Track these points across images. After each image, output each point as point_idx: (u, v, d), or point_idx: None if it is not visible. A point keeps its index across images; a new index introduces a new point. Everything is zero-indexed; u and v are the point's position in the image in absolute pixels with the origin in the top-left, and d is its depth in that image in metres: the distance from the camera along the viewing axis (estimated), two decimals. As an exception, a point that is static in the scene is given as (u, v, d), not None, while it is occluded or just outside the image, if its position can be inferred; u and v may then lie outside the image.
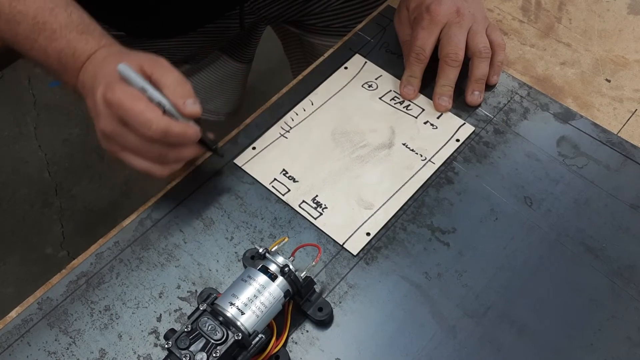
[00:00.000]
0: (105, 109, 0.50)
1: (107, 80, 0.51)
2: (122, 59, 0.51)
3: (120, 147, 0.52)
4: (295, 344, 0.51)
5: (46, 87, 1.86)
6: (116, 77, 0.50)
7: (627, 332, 0.51)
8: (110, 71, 0.51)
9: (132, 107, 0.49)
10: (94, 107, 0.52)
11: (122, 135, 0.51)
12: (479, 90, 0.65)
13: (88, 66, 0.54)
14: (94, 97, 0.52)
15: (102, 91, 0.50)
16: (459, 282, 0.54)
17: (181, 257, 0.56)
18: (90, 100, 0.53)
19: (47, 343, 0.51)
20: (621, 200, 0.58)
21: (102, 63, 0.53)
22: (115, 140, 0.52)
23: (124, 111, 0.49)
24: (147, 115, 0.49)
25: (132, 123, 0.49)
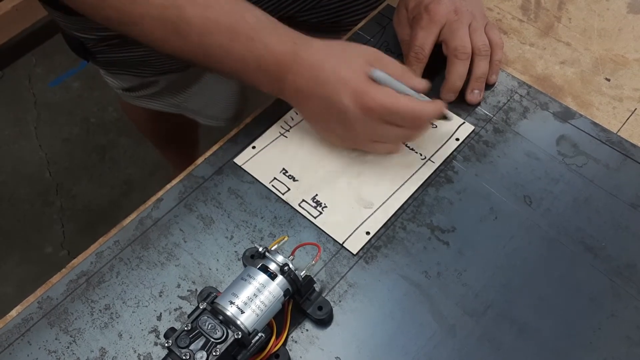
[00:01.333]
0: (364, 115, 0.53)
1: (352, 88, 0.52)
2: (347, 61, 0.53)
3: (368, 141, 0.57)
4: (295, 342, 0.51)
5: (46, 87, 1.86)
6: (362, 83, 0.52)
7: (627, 331, 0.51)
8: (346, 78, 0.53)
9: (397, 105, 0.52)
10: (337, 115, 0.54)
11: (381, 133, 0.55)
12: (479, 88, 0.65)
13: (299, 71, 0.54)
14: (333, 105, 0.53)
15: (354, 99, 0.52)
16: (459, 281, 0.54)
17: (181, 256, 0.56)
18: (322, 107, 0.55)
19: (48, 342, 0.51)
20: (621, 199, 0.58)
21: (324, 69, 0.54)
22: (368, 137, 0.56)
23: (389, 111, 0.53)
24: (411, 106, 0.53)
25: (400, 118, 0.53)
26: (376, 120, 0.54)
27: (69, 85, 1.85)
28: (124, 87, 0.91)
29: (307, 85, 0.54)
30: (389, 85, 0.53)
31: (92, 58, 0.83)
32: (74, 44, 0.82)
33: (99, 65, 0.86)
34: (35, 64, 1.91)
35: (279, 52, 0.54)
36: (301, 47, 0.54)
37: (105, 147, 1.71)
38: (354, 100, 0.53)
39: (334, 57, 0.54)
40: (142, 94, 0.91)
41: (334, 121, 0.55)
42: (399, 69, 0.55)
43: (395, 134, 0.56)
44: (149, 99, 0.92)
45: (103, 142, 1.72)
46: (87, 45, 0.81)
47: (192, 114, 0.95)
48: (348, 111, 0.53)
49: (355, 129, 0.55)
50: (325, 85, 0.53)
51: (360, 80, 0.53)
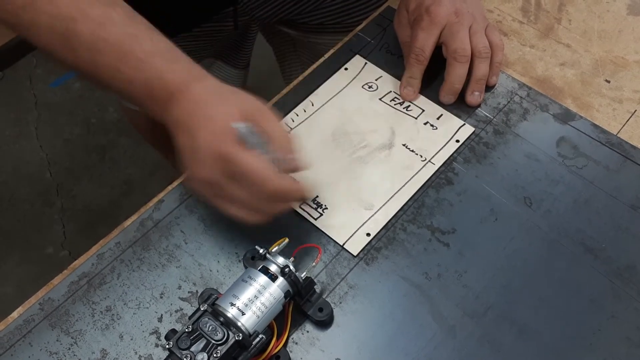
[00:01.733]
0: (213, 160, 0.48)
1: (213, 129, 0.49)
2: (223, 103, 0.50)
3: (216, 195, 0.51)
4: (296, 344, 0.51)
5: (47, 87, 1.86)
6: (224, 128, 0.48)
7: (627, 332, 0.51)
8: (212, 117, 0.49)
9: (249, 166, 0.47)
10: (193, 152, 0.50)
11: (226, 188, 0.49)
12: (479, 90, 0.65)
13: (183, 102, 0.51)
14: (193, 140, 0.49)
15: (209, 141, 0.48)
16: (459, 283, 0.54)
17: (182, 257, 0.56)
18: (187, 140, 0.50)
19: (49, 343, 0.51)
20: (621, 200, 0.58)
21: (202, 105, 0.50)
22: (215, 190, 0.50)
23: (238, 168, 0.48)
24: (263, 174, 0.48)
25: (249, 181, 0.48)
26: (223, 172, 0.48)
27: (69, 86, 1.86)
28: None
29: (182, 117, 0.51)
30: (247, 143, 0.48)
31: None
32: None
33: None
34: (35, 65, 1.91)
35: (168, 79, 0.51)
36: (193, 80, 0.52)
37: (106, 147, 1.71)
38: (210, 141, 0.48)
39: (217, 96, 0.51)
40: None
41: (189, 160, 0.51)
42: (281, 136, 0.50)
43: (244, 198, 0.49)
44: None
45: (103, 142, 1.72)
46: None
47: None
48: (200, 150, 0.49)
49: (196, 173, 0.50)
50: (196, 120, 0.50)
51: (223, 126, 0.49)
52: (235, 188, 0.49)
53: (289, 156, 0.50)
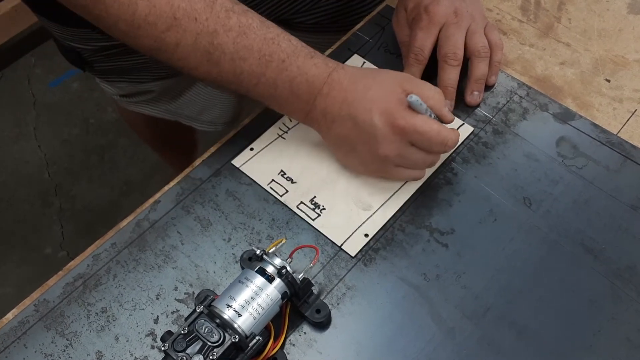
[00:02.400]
0: (393, 135, 0.53)
1: (383, 107, 0.53)
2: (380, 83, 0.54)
3: (392, 166, 0.56)
4: (293, 346, 0.51)
5: (46, 88, 1.86)
6: (394, 103, 0.53)
7: (627, 333, 0.51)
8: (377, 98, 0.53)
9: (430, 130, 0.53)
10: (366, 135, 0.54)
11: (407, 155, 0.54)
12: (478, 90, 0.64)
13: (331, 92, 0.54)
14: (361, 124, 0.53)
15: (384, 119, 0.53)
16: (458, 284, 0.53)
17: (178, 258, 0.55)
18: (348, 128, 0.54)
19: (44, 345, 0.51)
20: (621, 200, 0.58)
21: (355, 89, 0.54)
22: (394, 160, 0.55)
23: (420, 134, 0.53)
24: (442, 134, 0.53)
25: (428, 144, 0.54)
26: (404, 142, 0.53)
27: (68, 86, 1.85)
28: (120, 93, 0.91)
29: (336, 106, 0.54)
30: (419, 110, 0.53)
31: (88, 67, 0.83)
32: (69, 54, 0.82)
33: (94, 73, 0.86)
34: (34, 65, 1.91)
35: (311, 74, 0.54)
36: (334, 71, 0.55)
37: (105, 148, 1.71)
38: (384, 120, 0.53)
39: (365, 79, 0.55)
40: (138, 100, 0.90)
41: (360, 143, 0.55)
42: (434, 95, 0.55)
43: (421, 158, 0.55)
44: (144, 105, 0.92)
45: (102, 143, 1.72)
46: (83, 55, 0.80)
47: (187, 120, 0.95)
48: (376, 130, 0.53)
49: (381, 151, 0.54)
50: (355, 105, 0.53)
51: (391, 100, 0.53)
52: (415, 152, 0.55)
53: (443, 111, 0.55)
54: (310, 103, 0.55)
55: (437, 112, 0.55)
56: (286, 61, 0.54)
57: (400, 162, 0.55)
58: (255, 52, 0.53)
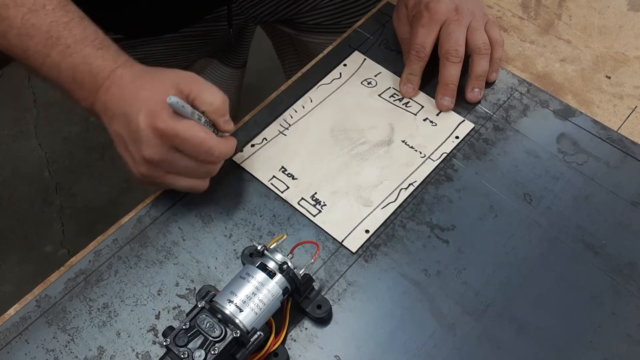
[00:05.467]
0: (155, 138, 0.50)
1: (149, 108, 0.50)
2: (155, 83, 0.51)
3: (164, 171, 0.53)
4: (294, 341, 0.51)
5: (46, 86, 1.85)
6: (159, 105, 0.50)
7: (627, 329, 0.51)
8: (147, 98, 0.50)
9: (192, 137, 0.50)
10: (133, 135, 0.51)
11: (172, 161, 0.51)
12: (479, 87, 0.64)
13: (111, 88, 0.52)
14: (131, 125, 0.50)
15: (147, 120, 0.50)
16: (459, 280, 0.53)
17: (180, 254, 0.55)
18: (122, 126, 0.52)
19: (46, 341, 0.51)
20: (621, 197, 0.58)
21: (132, 87, 0.52)
22: (162, 167, 0.52)
23: (181, 140, 0.50)
24: (210, 143, 0.50)
25: (187, 147, 0.50)
26: (167, 146, 0.50)
27: (68, 84, 1.85)
28: None
29: (114, 102, 0.52)
30: (183, 114, 0.50)
31: None
32: None
33: None
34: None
35: (95, 65, 0.52)
36: (120, 66, 0.53)
37: (105, 146, 1.71)
38: (148, 121, 0.49)
39: (143, 78, 0.52)
40: None
41: (131, 143, 0.52)
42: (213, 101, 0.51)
43: (192, 166, 0.52)
44: None
45: (103, 141, 1.72)
46: None
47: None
48: (140, 131, 0.50)
49: (145, 153, 0.51)
50: (129, 104, 0.51)
51: (158, 101, 0.50)
52: (181, 158, 0.51)
53: (219, 120, 0.52)
54: (93, 95, 0.53)
55: (212, 119, 0.52)
56: (72, 47, 0.52)
57: (169, 168, 0.52)
58: (43, 32, 0.52)
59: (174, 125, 0.49)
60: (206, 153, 0.51)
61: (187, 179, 0.54)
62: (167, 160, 0.51)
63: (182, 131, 0.49)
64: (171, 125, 0.49)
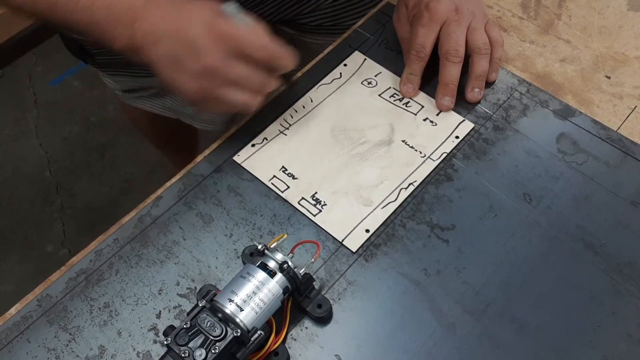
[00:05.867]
0: (213, 44, 0.51)
1: (203, 17, 0.51)
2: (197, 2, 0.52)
3: (220, 82, 0.53)
4: (295, 340, 0.51)
5: (47, 86, 1.86)
6: (215, 14, 0.51)
7: (627, 328, 0.51)
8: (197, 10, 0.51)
9: (248, 35, 0.51)
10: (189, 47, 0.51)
11: (231, 67, 0.52)
12: (479, 87, 0.64)
13: (151, 13, 0.52)
14: (185, 38, 0.51)
15: (204, 28, 0.50)
16: (459, 279, 0.54)
17: (180, 254, 0.56)
18: (172, 43, 0.52)
19: (47, 340, 0.51)
20: (621, 196, 0.58)
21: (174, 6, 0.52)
22: (219, 75, 0.52)
23: (239, 40, 0.51)
24: (264, 40, 0.51)
25: (250, 49, 0.51)
26: (227, 51, 0.51)
27: (69, 84, 1.85)
28: (123, 88, 0.91)
29: (158, 26, 0.52)
30: (241, 22, 0.51)
31: (90, 60, 0.83)
32: (72, 46, 0.82)
33: (96, 66, 0.87)
34: (35, 63, 1.91)
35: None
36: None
37: (105, 146, 1.71)
38: (205, 29, 0.50)
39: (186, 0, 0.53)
40: (139, 95, 0.91)
41: (184, 57, 0.52)
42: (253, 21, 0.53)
43: (248, 74, 0.53)
44: (146, 100, 0.92)
45: (103, 141, 1.72)
46: (85, 47, 0.81)
47: (187, 118, 0.95)
48: (198, 40, 0.50)
49: (205, 61, 0.51)
50: (176, 20, 0.51)
51: (211, 11, 0.51)
52: (238, 66, 0.52)
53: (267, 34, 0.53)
54: (130, 27, 0.52)
55: None
56: None
57: (226, 74, 0.52)
58: None
59: (233, 30, 0.50)
60: (269, 56, 0.52)
61: (241, 92, 0.54)
62: (226, 65, 0.52)
63: (242, 34, 0.50)
64: (230, 30, 0.50)
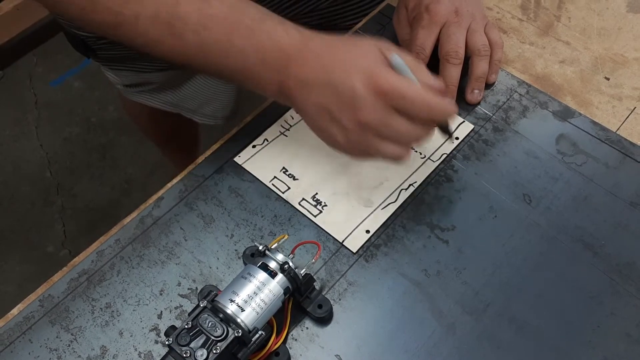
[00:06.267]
0: (374, 99, 0.48)
1: (365, 70, 0.48)
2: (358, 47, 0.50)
3: (376, 135, 0.50)
4: (295, 340, 0.51)
5: (47, 86, 1.86)
6: (378, 66, 0.48)
7: (626, 328, 0.51)
8: (358, 60, 0.49)
9: (412, 92, 0.48)
10: (345, 100, 0.49)
11: (389, 123, 0.49)
12: (479, 88, 0.65)
13: (307, 60, 0.50)
14: (340, 90, 0.49)
15: (366, 82, 0.48)
16: (458, 280, 0.54)
17: (182, 254, 0.56)
18: (326, 95, 0.49)
19: (49, 340, 0.52)
20: (620, 197, 0.58)
21: (332, 54, 0.50)
22: (375, 129, 0.49)
23: (403, 97, 0.48)
24: (427, 98, 0.48)
25: (412, 107, 0.48)
26: (386, 106, 0.48)
27: (69, 85, 1.86)
28: (125, 83, 0.91)
29: (313, 73, 0.50)
30: (402, 72, 0.49)
31: (93, 55, 0.84)
32: (75, 42, 0.82)
33: (99, 61, 0.87)
34: (36, 64, 1.91)
35: (284, 42, 0.50)
36: (308, 37, 0.51)
37: (106, 147, 1.71)
38: (365, 82, 0.48)
39: (345, 45, 0.51)
40: (141, 90, 0.91)
41: (340, 110, 0.49)
42: (413, 61, 0.51)
43: (405, 129, 0.50)
44: (147, 95, 0.92)
45: (104, 142, 1.72)
46: (88, 42, 0.81)
47: (188, 112, 0.96)
48: (356, 93, 0.48)
49: (362, 116, 0.49)
50: (334, 70, 0.49)
51: (374, 62, 0.49)
52: (400, 121, 0.49)
53: (431, 78, 0.51)
54: (283, 73, 0.51)
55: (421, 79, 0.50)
56: (254, 28, 0.50)
57: (382, 131, 0.50)
58: (220, 20, 0.50)
59: (397, 84, 0.48)
60: (430, 111, 0.49)
61: (395, 146, 0.51)
62: (384, 123, 0.49)
63: (405, 89, 0.48)
64: (394, 84, 0.48)
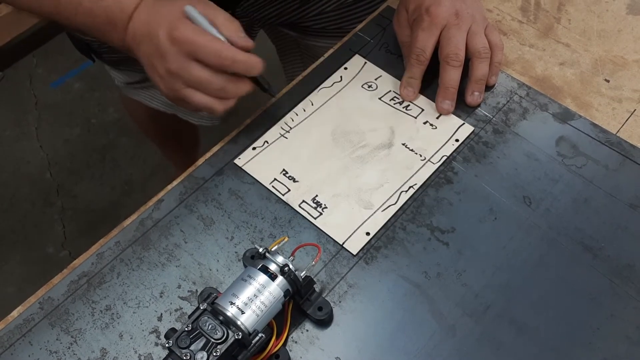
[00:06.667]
0: (172, 47, 0.54)
1: (169, 21, 0.54)
2: (173, 3, 0.55)
3: (183, 83, 0.55)
4: (295, 343, 0.51)
5: (47, 87, 1.86)
6: (178, 17, 0.54)
7: (626, 331, 0.51)
8: (167, 13, 0.55)
9: (201, 40, 0.53)
10: (156, 49, 0.55)
11: (188, 70, 0.54)
12: (479, 90, 0.65)
13: (138, 15, 0.56)
14: (153, 40, 0.55)
15: (166, 31, 0.54)
16: (458, 282, 0.54)
17: (182, 256, 0.56)
18: (148, 45, 0.55)
19: (49, 342, 0.52)
20: (620, 199, 0.58)
21: (154, 9, 0.56)
22: (180, 77, 0.55)
23: (193, 45, 0.53)
24: (217, 45, 0.53)
25: (203, 54, 0.53)
26: (184, 55, 0.54)
27: (70, 86, 1.86)
28: (128, 81, 0.92)
29: (141, 28, 0.56)
30: (197, 23, 0.54)
31: (98, 57, 0.84)
32: (79, 45, 0.83)
33: (104, 62, 0.87)
34: (36, 65, 1.91)
35: (124, 2, 0.56)
36: None
37: (106, 148, 1.71)
38: (166, 32, 0.54)
39: (168, 4, 0.56)
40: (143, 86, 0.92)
41: (156, 59, 0.56)
42: (226, 21, 0.55)
43: (205, 78, 0.55)
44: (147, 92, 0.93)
45: (104, 143, 1.72)
46: (92, 46, 0.81)
47: (185, 114, 0.96)
48: (160, 44, 0.54)
49: (166, 64, 0.55)
50: (151, 24, 0.55)
51: (175, 15, 0.54)
52: (197, 68, 0.54)
53: (238, 34, 0.55)
54: (124, 29, 0.57)
55: (227, 36, 0.55)
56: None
57: (186, 78, 0.55)
58: None
59: (191, 32, 0.53)
60: (223, 60, 0.53)
61: (203, 95, 0.56)
62: (184, 70, 0.54)
63: (192, 35, 0.53)
64: (186, 33, 0.53)
